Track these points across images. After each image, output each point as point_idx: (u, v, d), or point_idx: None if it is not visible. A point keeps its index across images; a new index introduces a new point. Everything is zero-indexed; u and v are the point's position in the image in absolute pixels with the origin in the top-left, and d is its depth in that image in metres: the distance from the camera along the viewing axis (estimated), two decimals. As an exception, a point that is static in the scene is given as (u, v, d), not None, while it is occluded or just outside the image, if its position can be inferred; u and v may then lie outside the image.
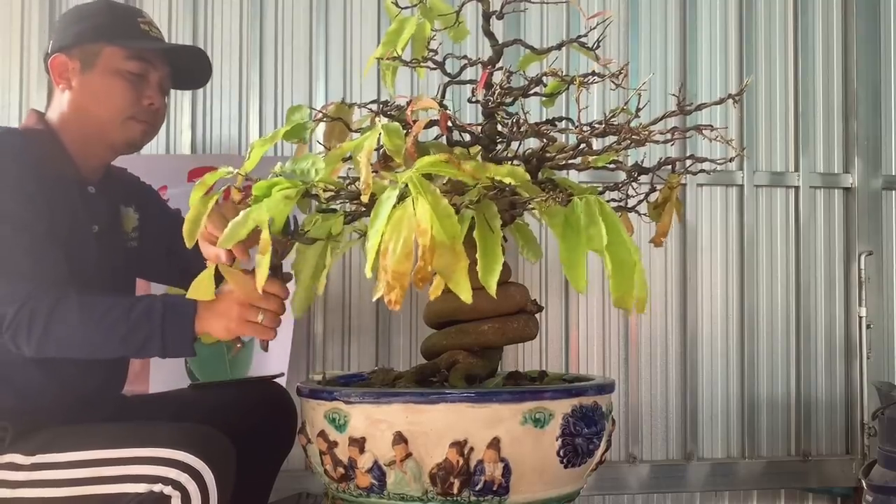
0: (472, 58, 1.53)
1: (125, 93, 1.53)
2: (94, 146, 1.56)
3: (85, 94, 1.53)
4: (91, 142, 1.55)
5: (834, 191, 2.61)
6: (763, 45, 2.59)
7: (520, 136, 1.40)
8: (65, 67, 1.53)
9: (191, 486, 1.24)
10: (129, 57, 1.53)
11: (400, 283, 1.13)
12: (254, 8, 2.41)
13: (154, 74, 1.57)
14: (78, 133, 1.54)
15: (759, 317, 2.54)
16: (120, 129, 1.54)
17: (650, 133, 1.39)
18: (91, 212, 1.54)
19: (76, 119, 1.54)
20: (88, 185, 1.56)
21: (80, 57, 1.53)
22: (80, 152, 1.55)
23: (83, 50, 1.53)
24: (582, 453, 1.40)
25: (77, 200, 1.52)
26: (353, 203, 1.37)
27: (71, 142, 1.54)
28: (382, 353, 2.38)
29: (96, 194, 1.57)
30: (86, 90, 1.53)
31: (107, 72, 1.53)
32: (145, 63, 1.55)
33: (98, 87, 1.53)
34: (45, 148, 1.50)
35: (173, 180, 2.19)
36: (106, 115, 1.53)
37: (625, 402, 2.47)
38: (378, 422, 1.35)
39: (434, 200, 1.15)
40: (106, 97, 1.53)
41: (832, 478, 2.53)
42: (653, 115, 1.47)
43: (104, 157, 1.60)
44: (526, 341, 1.57)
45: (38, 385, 1.42)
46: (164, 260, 1.73)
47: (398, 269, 1.13)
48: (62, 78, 1.54)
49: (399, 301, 1.13)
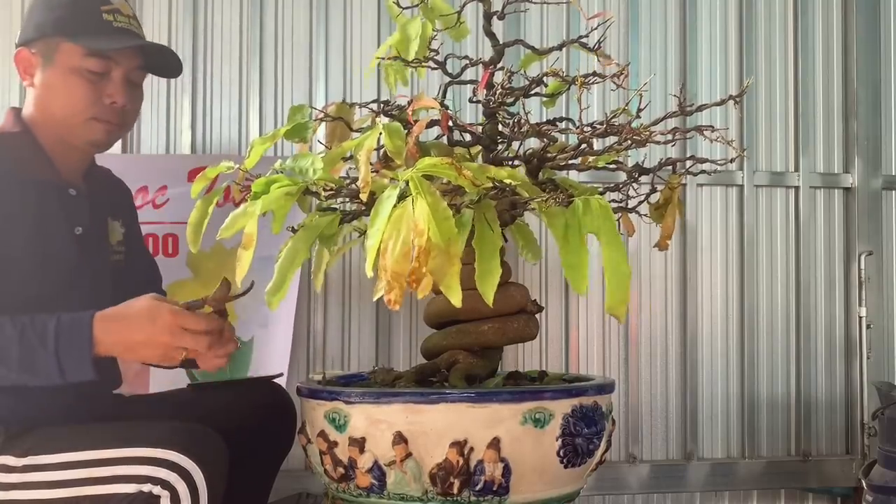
0: (473, 58, 1.53)
1: (84, 92, 1.44)
2: (63, 145, 1.48)
3: (45, 92, 1.45)
4: (59, 141, 1.48)
5: (834, 191, 2.61)
6: (763, 45, 2.58)
7: (521, 136, 1.40)
8: (28, 62, 1.46)
9: (180, 486, 1.24)
10: (88, 55, 1.43)
11: (399, 283, 1.13)
12: (254, 8, 2.41)
13: (117, 70, 1.46)
14: (48, 132, 1.47)
15: (759, 317, 2.53)
16: (82, 129, 1.46)
17: (651, 133, 1.39)
18: (72, 214, 1.48)
19: (41, 118, 1.47)
20: (69, 188, 1.49)
21: (41, 52, 1.45)
22: (55, 151, 1.48)
23: (44, 44, 1.44)
24: (582, 453, 1.40)
25: (55, 203, 1.45)
26: (354, 202, 1.38)
27: (45, 141, 1.47)
28: (382, 353, 2.38)
29: (78, 196, 1.50)
30: (46, 88, 1.45)
31: (65, 70, 1.43)
32: (106, 60, 1.44)
33: (56, 86, 1.44)
34: (21, 150, 1.44)
35: (173, 180, 2.19)
36: (65, 115, 1.45)
37: (625, 402, 2.47)
38: (378, 422, 1.35)
39: (433, 202, 1.15)
40: (64, 97, 1.44)
41: (832, 478, 2.53)
42: (653, 115, 1.47)
43: (79, 157, 1.52)
44: (526, 341, 1.58)
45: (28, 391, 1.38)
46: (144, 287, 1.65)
47: (397, 268, 1.13)
48: (26, 73, 1.47)
49: (399, 301, 1.13)
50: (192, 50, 2.38)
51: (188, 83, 2.38)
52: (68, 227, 1.47)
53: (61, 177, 1.48)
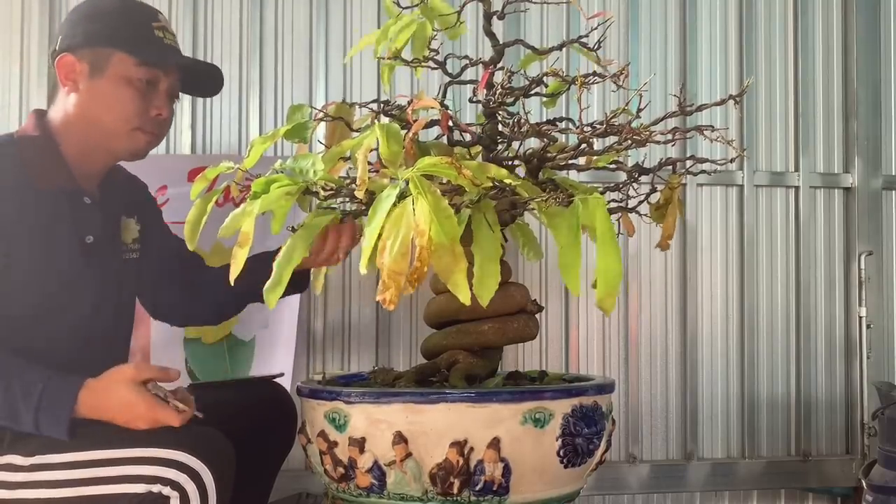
0: (472, 58, 1.53)
1: (134, 103, 1.47)
2: (96, 153, 1.50)
3: (92, 100, 1.46)
4: (93, 148, 1.49)
5: (834, 191, 2.61)
6: (763, 45, 2.58)
7: (521, 135, 1.40)
8: (72, 69, 1.46)
9: (189, 487, 1.24)
10: (140, 65, 1.46)
11: (396, 283, 1.12)
12: (254, 7, 2.41)
13: (164, 81, 1.51)
14: (80, 138, 1.48)
15: (759, 317, 2.53)
16: (126, 139, 1.48)
17: (651, 133, 1.39)
18: (85, 222, 1.48)
19: (80, 125, 1.47)
20: (84, 196, 1.49)
21: (89, 60, 1.46)
22: (79, 158, 1.49)
23: (93, 52, 1.46)
24: (582, 453, 1.40)
25: (67, 212, 1.45)
26: (354, 202, 1.38)
27: (71, 147, 1.48)
28: (382, 353, 2.38)
29: (92, 205, 1.50)
30: (93, 96, 1.46)
31: (116, 79, 1.46)
32: (156, 70, 1.48)
33: (106, 95, 1.46)
34: (40, 155, 1.44)
35: (173, 180, 2.18)
36: (113, 124, 1.47)
37: (625, 402, 2.47)
38: (378, 422, 1.35)
39: (434, 201, 1.15)
40: (114, 106, 1.46)
41: (832, 478, 2.53)
42: (653, 115, 1.47)
43: (105, 163, 1.54)
44: (526, 341, 1.58)
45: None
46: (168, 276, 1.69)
47: (394, 267, 1.13)
48: (69, 79, 1.47)
49: (395, 300, 1.13)
50: (192, 49, 2.38)
51: (188, 83, 2.38)
52: (79, 236, 1.47)
53: (77, 184, 1.48)
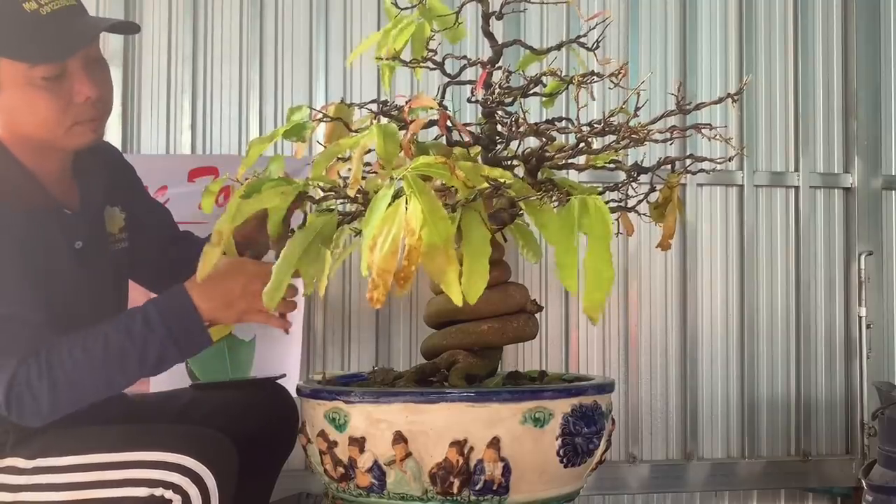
0: (471, 58, 1.53)
1: (50, 104, 1.29)
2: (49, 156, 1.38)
3: (9, 116, 1.32)
4: (44, 155, 1.37)
5: (834, 191, 2.61)
6: (763, 45, 2.58)
7: (519, 135, 1.40)
8: None
9: (192, 490, 1.24)
10: (34, 66, 1.27)
11: (384, 282, 1.11)
12: (254, 8, 2.41)
13: (73, 62, 1.31)
14: (26, 151, 1.36)
15: (759, 317, 2.53)
16: (67, 138, 1.35)
17: (649, 132, 1.39)
18: (71, 231, 1.41)
19: (17, 140, 1.35)
20: (64, 208, 1.40)
21: None
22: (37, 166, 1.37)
23: None
24: (582, 453, 1.40)
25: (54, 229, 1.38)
26: (352, 202, 1.37)
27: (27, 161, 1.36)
28: (382, 353, 2.38)
29: (73, 215, 1.42)
30: (7, 112, 1.32)
31: (18, 87, 1.28)
32: (54, 64, 1.28)
33: (17, 107, 1.30)
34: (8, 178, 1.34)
35: (173, 180, 2.19)
36: (42, 132, 1.32)
37: (625, 402, 2.47)
38: (378, 421, 1.35)
39: (428, 201, 1.14)
40: (31, 115, 1.30)
41: (832, 478, 2.53)
42: (652, 114, 1.47)
43: (64, 160, 1.43)
44: (526, 341, 1.58)
45: None
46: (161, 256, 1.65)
47: (383, 265, 1.12)
48: None
49: (381, 300, 1.11)
50: (192, 50, 2.38)
51: (188, 83, 2.38)
52: (68, 245, 1.42)
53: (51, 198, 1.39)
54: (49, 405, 1.26)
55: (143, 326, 1.28)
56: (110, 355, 1.27)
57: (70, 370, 1.25)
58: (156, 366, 1.31)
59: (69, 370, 1.25)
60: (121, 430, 1.40)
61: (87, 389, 1.28)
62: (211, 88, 2.40)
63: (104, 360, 1.27)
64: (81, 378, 1.26)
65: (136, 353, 1.28)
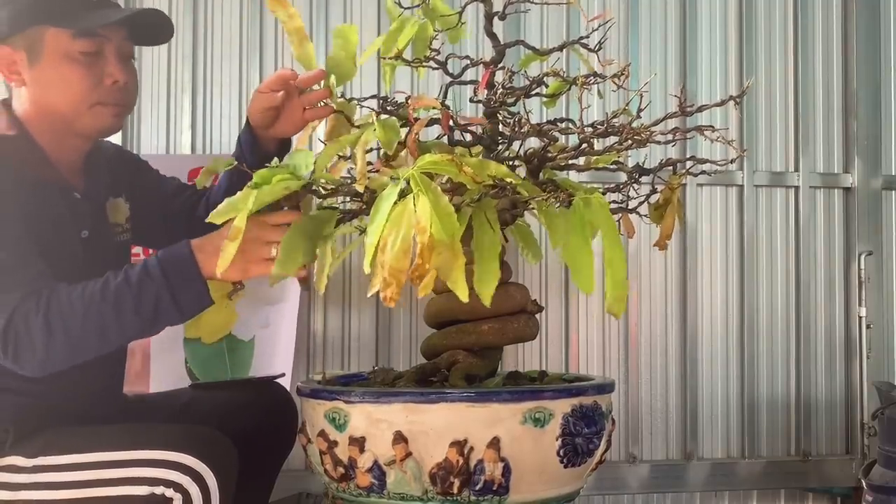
0: (473, 58, 1.53)
1: (82, 79, 1.36)
2: (67, 140, 1.43)
3: (41, 89, 1.37)
4: (62, 136, 1.42)
5: (834, 191, 2.61)
6: (763, 45, 2.58)
7: (521, 135, 1.40)
8: (11, 60, 1.37)
9: (192, 489, 1.24)
10: (77, 35, 1.34)
11: (397, 280, 1.12)
12: (254, 7, 2.41)
13: (110, 45, 1.39)
14: (46, 130, 1.40)
15: (759, 317, 2.53)
16: (89, 118, 1.39)
17: (651, 134, 1.39)
18: (79, 217, 1.44)
19: (40, 117, 1.39)
20: (73, 191, 1.44)
21: (23, 46, 1.36)
22: (54, 149, 1.42)
23: (25, 37, 1.35)
24: (582, 453, 1.40)
25: (63, 208, 1.41)
26: (354, 200, 1.37)
27: (44, 141, 1.41)
28: (382, 353, 2.38)
29: (82, 199, 1.45)
30: (40, 85, 1.37)
31: (56, 59, 1.35)
32: (97, 38, 1.37)
33: (52, 80, 1.36)
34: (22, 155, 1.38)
35: (173, 180, 2.18)
36: (69, 108, 1.38)
37: (625, 402, 2.47)
38: (378, 421, 1.35)
39: (435, 198, 1.15)
40: (63, 89, 1.36)
41: (832, 478, 2.53)
42: (653, 116, 1.47)
43: (81, 149, 1.47)
44: (526, 341, 1.58)
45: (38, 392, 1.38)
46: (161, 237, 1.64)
47: (396, 265, 1.12)
48: (12, 73, 1.38)
49: (395, 297, 1.12)
50: (192, 50, 2.38)
51: (188, 83, 2.38)
52: (75, 231, 1.43)
53: (64, 179, 1.44)
54: (43, 348, 1.24)
55: (142, 271, 1.27)
56: (106, 298, 1.25)
57: (67, 312, 1.24)
58: (152, 320, 1.28)
59: (66, 312, 1.24)
60: (121, 428, 1.40)
61: (79, 335, 1.25)
62: (211, 88, 2.40)
63: (100, 304, 1.25)
64: (75, 322, 1.24)
65: (132, 299, 1.25)
